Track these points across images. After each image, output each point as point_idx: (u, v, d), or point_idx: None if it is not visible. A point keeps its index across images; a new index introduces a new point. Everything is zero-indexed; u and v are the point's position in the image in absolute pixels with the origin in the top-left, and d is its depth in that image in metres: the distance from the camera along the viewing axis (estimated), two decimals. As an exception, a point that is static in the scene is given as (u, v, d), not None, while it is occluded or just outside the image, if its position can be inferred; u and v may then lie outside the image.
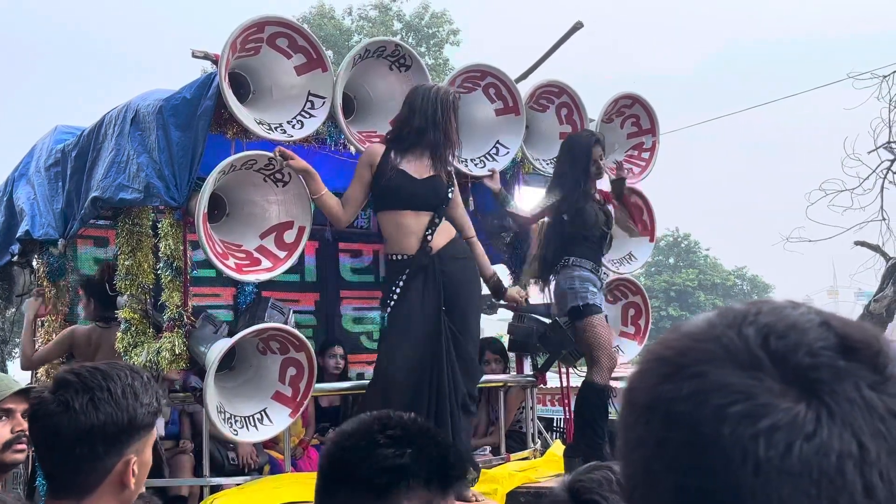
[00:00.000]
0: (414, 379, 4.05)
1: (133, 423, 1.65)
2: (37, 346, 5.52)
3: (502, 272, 5.93)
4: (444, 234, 4.24)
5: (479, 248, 4.57)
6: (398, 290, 4.15)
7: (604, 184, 5.18)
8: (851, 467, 0.57)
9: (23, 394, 2.93)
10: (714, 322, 0.65)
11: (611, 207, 5.04)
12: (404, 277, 4.15)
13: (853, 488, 0.57)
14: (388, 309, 4.18)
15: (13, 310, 8.13)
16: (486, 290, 5.82)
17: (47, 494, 1.75)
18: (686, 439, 0.61)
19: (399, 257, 4.20)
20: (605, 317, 4.98)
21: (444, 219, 4.27)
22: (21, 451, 2.84)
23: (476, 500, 4.00)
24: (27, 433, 2.84)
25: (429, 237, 4.19)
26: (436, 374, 4.06)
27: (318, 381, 4.46)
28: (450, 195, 4.30)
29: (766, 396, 0.59)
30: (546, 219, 5.02)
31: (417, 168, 4.22)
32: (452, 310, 4.16)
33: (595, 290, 4.80)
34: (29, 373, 5.83)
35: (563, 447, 5.05)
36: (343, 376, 5.95)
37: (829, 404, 0.59)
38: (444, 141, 4.20)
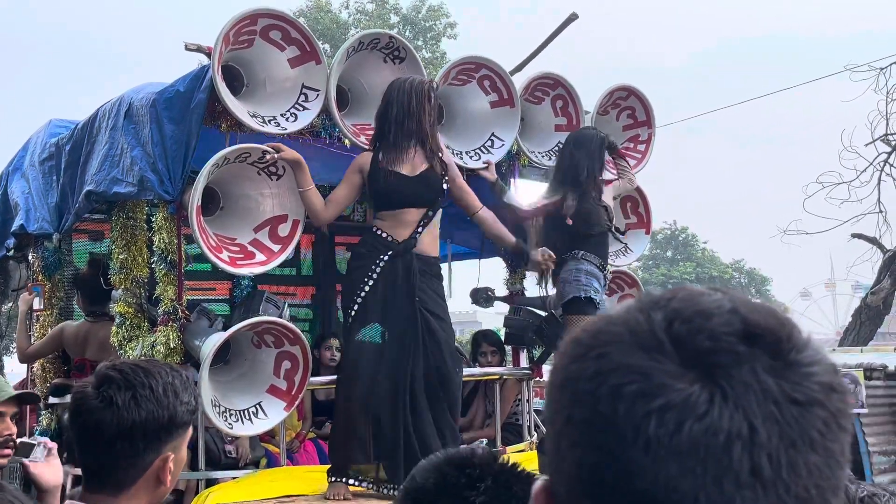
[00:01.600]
0: (386, 366, 4.06)
1: (173, 420, 1.68)
2: (32, 340, 5.53)
3: (498, 265, 5.94)
4: (429, 237, 4.24)
5: (492, 218, 4.53)
6: (378, 270, 4.12)
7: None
8: (739, 448, 0.58)
9: (14, 399, 2.94)
10: (630, 307, 0.67)
11: (607, 200, 5.00)
12: (386, 259, 4.13)
13: (739, 468, 0.58)
14: (367, 286, 4.13)
15: (10, 304, 8.13)
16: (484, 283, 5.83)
17: (83, 488, 1.76)
18: (587, 417, 0.63)
19: (386, 235, 4.18)
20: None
21: (435, 217, 4.27)
22: (6, 455, 2.85)
23: None
24: (14, 437, 2.85)
25: (420, 230, 4.19)
26: (411, 361, 4.06)
27: (314, 374, 4.46)
28: (445, 187, 4.29)
29: (663, 377, 0.60)
30: (544, 215, 4.95)
31: (409, 165, 4.20)
32: (426, 301, 4.15)
33: (599, 287, 4.75)
34: (26, 366, 5.85)
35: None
36: (338, 368, 5.94)
37: (723, 387, 0.60)
38: (416, 129, 4.18)
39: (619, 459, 0.60)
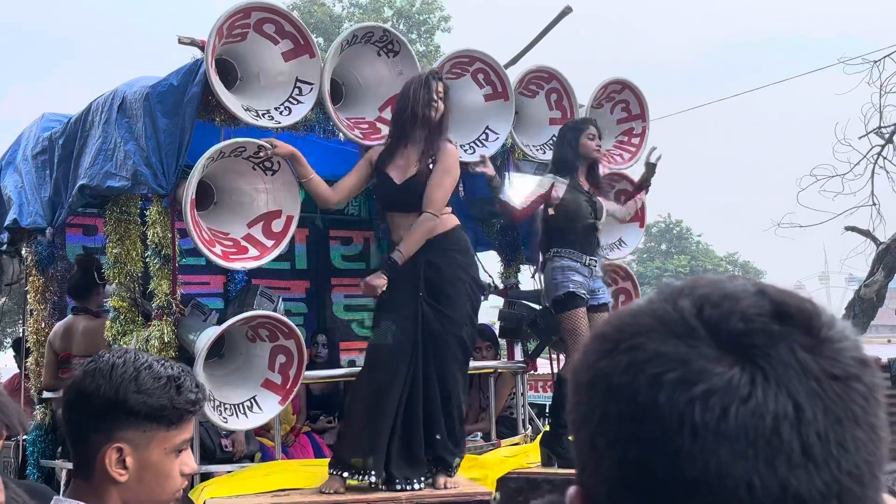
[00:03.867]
0: (394, 361, 4.05)
1: (122, 403, 1.63)
2: (27, 336, 5.52)
3: (493, 259, 5.94)
4: (439, 225, 4.18)
5: (416, 226, 4.12)
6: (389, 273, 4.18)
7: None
8: (788, 428, 0.58)
9: None
10: (652, 298, 0.66)
11: (602, 200, 4.99)
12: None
13: (790, 448, 0.58)
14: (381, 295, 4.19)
15: (3, 299, 8.11)
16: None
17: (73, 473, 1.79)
18: (625, 411, 0.61)
19: (395, 240, 4.24)
20: (608, 305, 4.91)
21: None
22: None
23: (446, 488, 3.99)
24: None
25: None
26: (413, 360, 4.05)
27: (308, 369, 4.46)
28: None
29: (701, 362, 0.60)
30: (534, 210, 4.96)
31: (400, 170, 4.19)
32: (436, 294, 4.10)
33: (580, 279, 4.72)
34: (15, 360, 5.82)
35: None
36: (333, 363, 5.95)
37: (763, 367, 0.59)
38: (411, 119, 4.15)
39: (665, 450, 0.59)
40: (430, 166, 4.16)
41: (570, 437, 4.77)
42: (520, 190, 5.06)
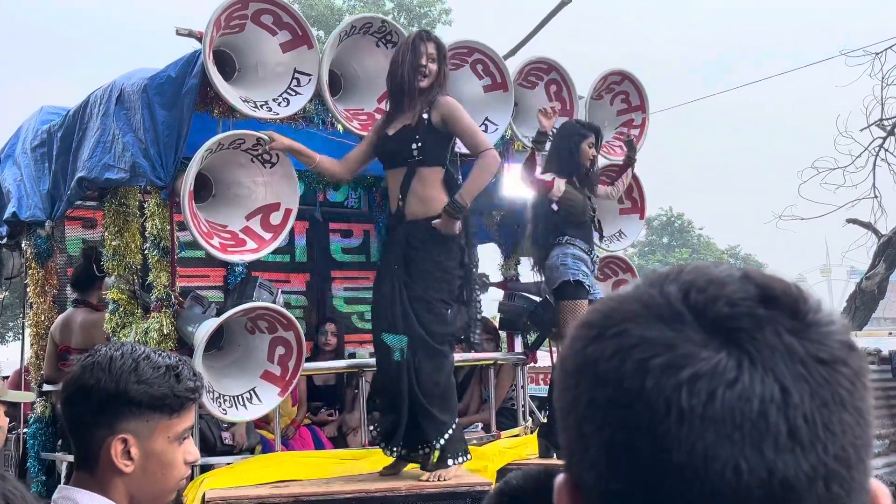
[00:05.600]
0: (378, 340, 4.10)
1: (124, 395, 1.65)
2: (28, 331, 5.52)
3: (493, 251, 5.94)
4: (418, 202, 4.05)
5: (480, 167, 4.07)
6: (386, 245, 4.30)
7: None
8: (774, 411, 0.58)
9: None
10: (638, 284, 0.66)
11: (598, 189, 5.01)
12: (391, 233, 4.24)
13: (777, 432, 0.58)
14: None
15: (4, 293, 8.11)
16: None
17: (74, 467, 1.79)
18: (612, 396, 0.61)
19: (390, 207, 4.23)
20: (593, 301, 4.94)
21: (416, 178, 4.04)
22: None
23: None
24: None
25: (400, 199, 4.07)
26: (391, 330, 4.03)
27: (314, 359, 4.46)
28: (414, 145, 4.02)
29: (688, 347, 0.60)
30: (534, 197, 4.94)
31: (396, 124, 4.11)
32: (410, 269, 4.02)
33: (587, 271, 4.74)
34: (20, 356, 5.82)
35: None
36: (338, 354, 5.94)
37: (749, 351, 0.59)
38: (401, 81, 4.04)
39: (652, 434, 0.59)
40: (425, 115, 4.04)
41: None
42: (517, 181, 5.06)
